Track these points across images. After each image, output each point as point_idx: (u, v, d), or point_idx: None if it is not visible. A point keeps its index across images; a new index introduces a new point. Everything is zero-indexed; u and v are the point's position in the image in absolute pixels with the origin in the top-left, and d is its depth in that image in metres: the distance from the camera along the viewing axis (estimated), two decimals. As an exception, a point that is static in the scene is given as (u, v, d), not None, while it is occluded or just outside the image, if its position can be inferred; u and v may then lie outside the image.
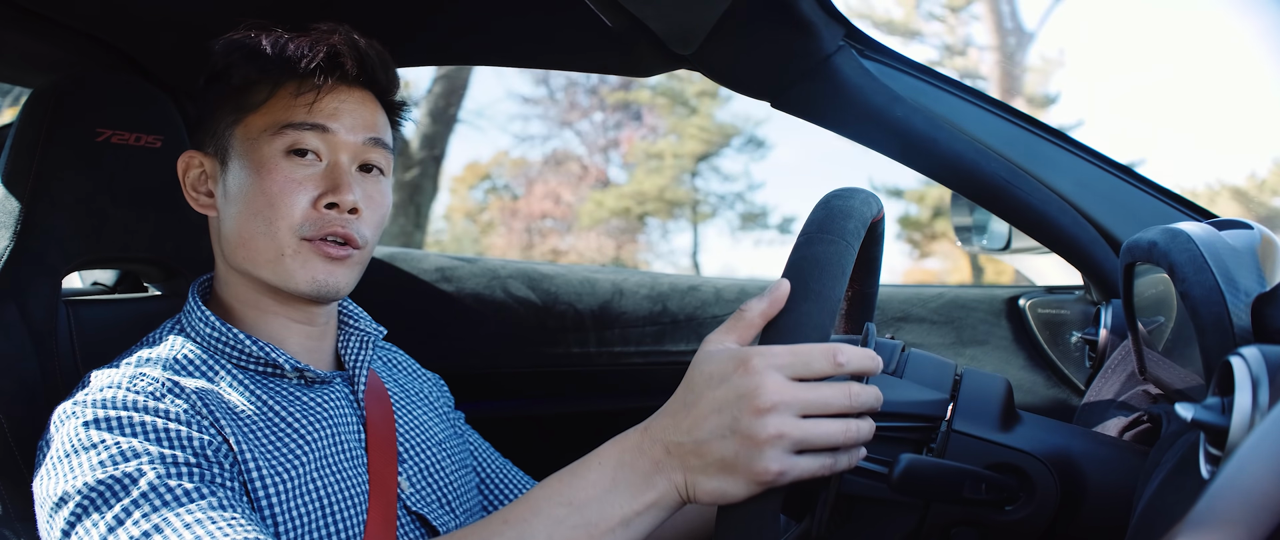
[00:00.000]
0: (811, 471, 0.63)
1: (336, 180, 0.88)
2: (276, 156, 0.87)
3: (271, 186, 0.86)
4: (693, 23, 1.13)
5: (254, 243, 0.87)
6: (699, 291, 1.58)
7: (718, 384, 0.63)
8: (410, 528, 0.91)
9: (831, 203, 0.72)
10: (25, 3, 1.16)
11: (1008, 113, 1.25)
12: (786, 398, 0.61)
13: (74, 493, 0.73)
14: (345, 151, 0.89)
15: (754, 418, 0.61)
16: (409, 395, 1.04)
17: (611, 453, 0.67)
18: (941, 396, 0.73)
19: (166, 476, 0.74)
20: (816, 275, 0.65)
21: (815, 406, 0.62)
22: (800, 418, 0.62)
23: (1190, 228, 0.73)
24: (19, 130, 0.98)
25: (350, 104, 0.90)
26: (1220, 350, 0.64)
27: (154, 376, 0.81)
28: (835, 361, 0.62)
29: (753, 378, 0.62)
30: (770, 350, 0.63)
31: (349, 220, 0.88)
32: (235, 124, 0.90)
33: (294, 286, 0.88)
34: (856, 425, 0.64)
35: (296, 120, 0.87)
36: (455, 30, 1.36)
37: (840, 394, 0.63)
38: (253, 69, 0.89)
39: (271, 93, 0.89)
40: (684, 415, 0.65)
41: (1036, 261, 1.57)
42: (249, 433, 0.83)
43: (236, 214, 0.88)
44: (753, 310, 0.67)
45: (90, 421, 0.77)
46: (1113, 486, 0.71)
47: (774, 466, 0.61)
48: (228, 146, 0.90)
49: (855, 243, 0.69)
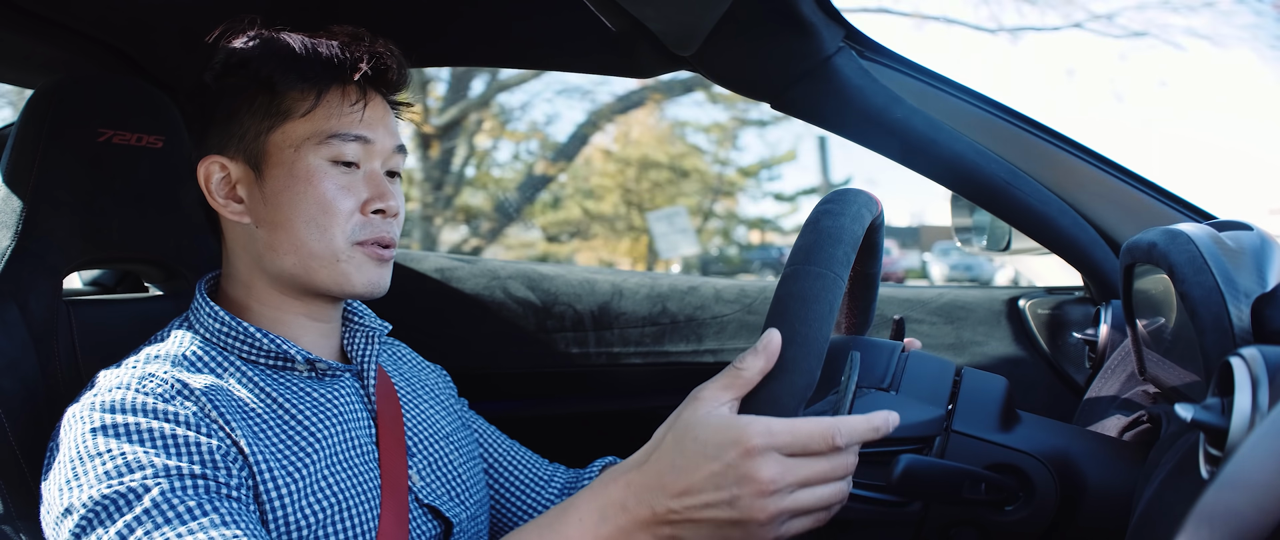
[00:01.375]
0: (806, 528, 0.65)
1: (380, 188, 0.90)
2: (323, 165, 0.88)
3: (324, 195, 0.87)
4: (693, 24, 1.13)
5: (308, 249, 0.88)
6: (699, 292, 1.58)
7: (714, 459, 0.63)
8: (423, 520, 0.92)
9: (820, 223, 0.70)
10: (25, 3, 1.16)
11: (1007, 114, 1.25)
12: (788, 479, 0.63)
13: (79, 505, 0.73)
14: (379, 159, 0.91)
15: (757, 499, 0.62)
16: (415, 388, 1.04)
17: (592, 506, 0.67)
18: (938, 413, 0.72)
19: (171, 491, 0.73)
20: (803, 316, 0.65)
21: (813, 480, 0.64)
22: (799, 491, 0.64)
23: (1190, 228, 0.73)
24: (19, 130, 0.98)
25: (381, 112, 0.92)
26: (1220, 351, 0.64)
27: (162, 377, 0.81)
28: (833, 445, 0.64)
29: (753, 462, 0.62)
30: (770, 429, 0.63)
31: (392, 224, 0.91)
32: (270, 130, 0.88)
33: (350, 289, 0.90)
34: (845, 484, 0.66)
35: (342, 130, 0.88)
36: (453, 31, 1.36)
37: (837, 467, 0.64)
38: (295, 76, 0.87)
39: (317, 102, 0.88)
40: (673, 479, 0.64)
41: (1036, 262, 1.57)
42: (259, 432, 0.83)
43: (285, 222, 0.88)
44: (750, 369, 0.67)
45: (97, 428, 0.77)
46: (1112, 487, 0.71)
47: (771, 535, 0.63)
48: (261, 152, 0.89)
49: (844, 271, 0.68)
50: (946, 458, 0.70)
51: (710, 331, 1.55)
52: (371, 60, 0.90)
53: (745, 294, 1.58)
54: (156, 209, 1.07)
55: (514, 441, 1.15)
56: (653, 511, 0.64)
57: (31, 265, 0.97)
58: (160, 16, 1.22)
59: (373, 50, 0.90)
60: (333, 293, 0.91)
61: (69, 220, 1.00)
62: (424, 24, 1.32)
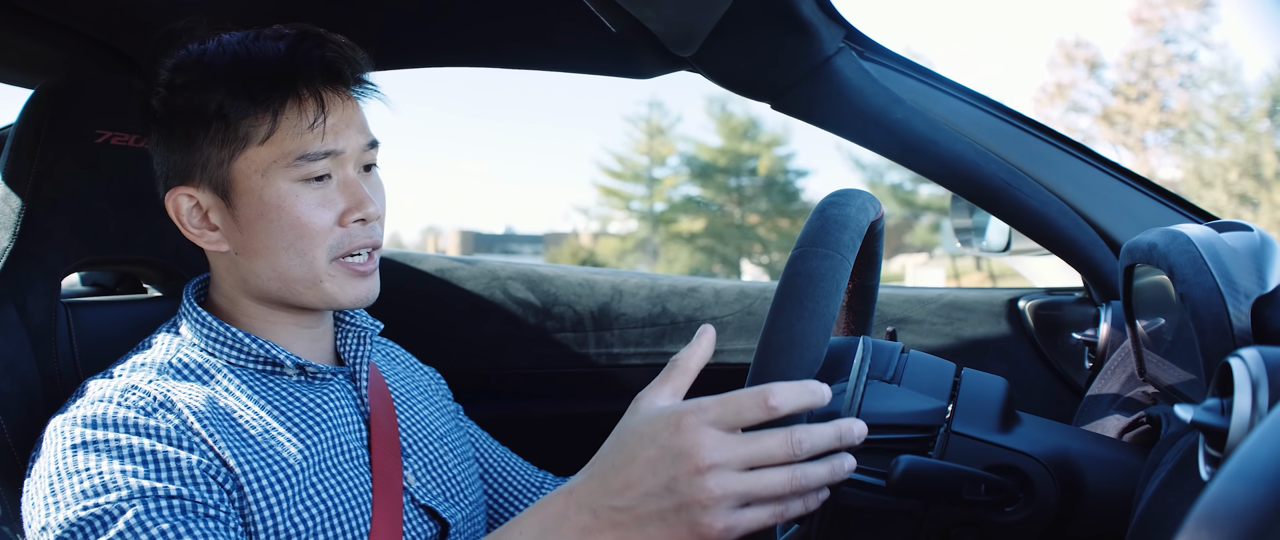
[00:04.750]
0: (760, 523, 0.60)
1: (357, 196, 0.86)
2: (293, 187, 0.84)
3: (299, 218, 0.84)
4: (693, 24, 1.13)
5: (290, 274, 0.86)
6: (698, 293, 1.58)
7: (648, 443, 0.61)
8: (418, 521, 0.91)
9: (827, 212, 0.71)
10: (25, 3, 1.16)
11: (1007, 114, 1.25)
12: (725, 455, 0.59)
13: (55, 525, 0.73)
14: (351, 163, 0.88)
15: (693, 477, 0.58)
16: (409, 389, 1.04)
17: (533, 521, 0.65)
18: (939, 404, 0.73)
19: (146, 513, 0.73)
20: (810, 292, 0.65)
21: (757, 459, 0.59)
22: (743, 472, 0.59)
23: (1190, 229, 0.73)
24: (18, 131, 0.98)
25: (347, 113, 0.87)
26: (1220, 352, 0.64)
27: (145, 389, 0.80)
28: (767, 405, 0.59)
29: (686, 436, 0.59)
30: (700, 404, 0.60)
31: (373, 227, 0.89)
32: (232, 158, 0.84)
33: (338, 304, 0.89)
34: (804, 472, 0.61)
35: (308, 150, 0.84)
36: (453, 31, 1.36)
37: (781, 443, 0.60)
38: (247, 102, 0.82)
39: (274, 125, 0.83)
40: (613, 477, 0.62)
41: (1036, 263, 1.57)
42: (245, 441, 0.82)
43: (263, 249, 0.85)
44: (688, 358, 0.65)
45: (77, 444, 0.77)
46: (1112, 488, 0.71)
47: (718, 523, 0.59)
48: (227, 181, 0.85)
49: (850, 255, 0.69)
50: (946, 458, 0.70)
51: None
52: (322, 64, 0.84)
53: (745, 295, 1.57)
54: (155, 210, 1.06)
55: (505, 448, 1.15)
56: (594, 515, 0.62)
57: (30, 267, 0.97)
58: (160, 17, 1.22)
59: (321, 50, 0.85)
60: (320, 309, 0.90)
61: (67, 221, 1.00)
62: (423, 23, 1.32)
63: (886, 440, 0.71)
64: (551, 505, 0.65)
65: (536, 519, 0.65)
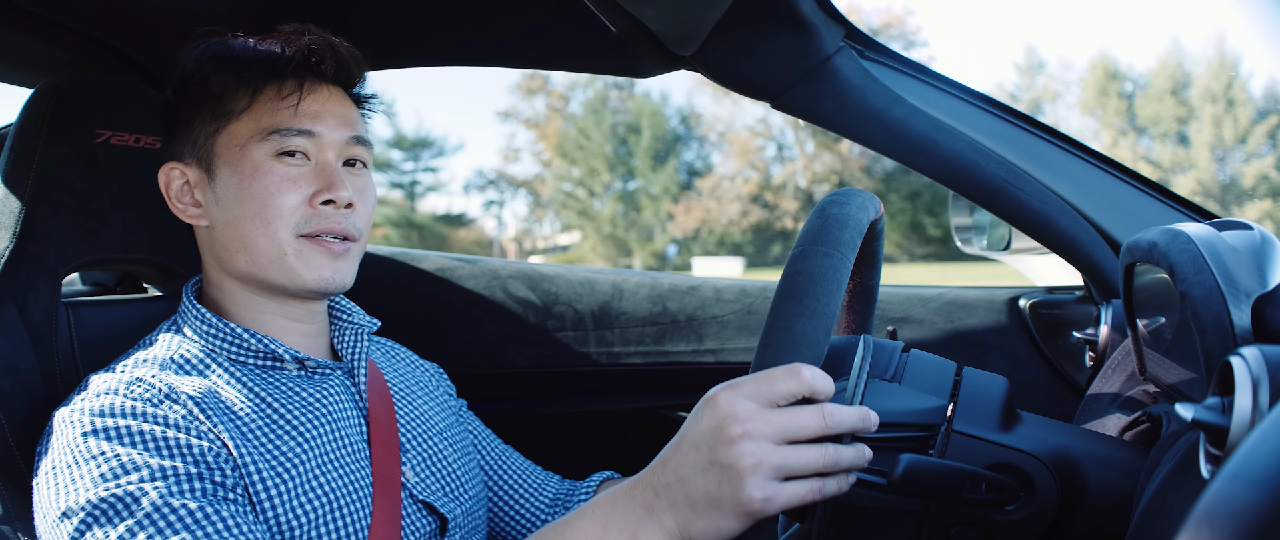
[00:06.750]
0: (799, 497, 0.62)
1: (329, 178, 0.90)
2: (266, 160, 0.88)
3: (266, 188, 0.88)
4: (693, 24, 1.13)
5: (255, 245, 0.88)
6: (699, 292, 1.58)
7: (694, 424, 0.64)
8: (417, 516, 0.92)
9: (827, 211, 0.72)
10: (25, 3, 1.16)
11: (1008, 114, 1.25)
12: (757, 424, 0.61)
13: (77, 508, 0.73)
14: (331, 150, 0.91)
15: (729, 446, 0.61)
16: (409, 385, 1.04)
17: (604, 502, 0.68)
18: (940, 403, 0.73)
19: (169, 494, 0.73)
20: (811, 290, 0.65)
21: (789, 431, 0.62)
22: (778, 445, 0.62)
23: (1190, 228, 0.73)
24: (18, 131, 0.98)
25: (330, 104, 0.92)
26: (1220, 350, 0.64)
27: (150, 381, 0.81)
28: (800, 379, 0.62)
29: (721, 409, 0.62)
30: (735, 382, 0.64)
31: (345, 215, 0.90)
32: (216, 132, 0.90)
33: (302, 284, 0.89)
34: (837, 449, 0.63)
35: (282, 125, 0.89)
36: (453, 30, 1.36)
37: (813, 416, 0.62)
38: (230, 76, 0.89)
39: (253, 99, 0.89)
40: (671, 457, 0.65)
41: (1036, 262, 1.57)
42: (248, 434, 0.83)
43: (233, 220, 0.89)
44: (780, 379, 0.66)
45: (89, 431, 0.77)
46: (1113, 486, 0.71)
47: (758, 494, 0.61)
48: (212, 155, 0.90)
49: (850, 253, 0.69)
50: (947, 457, 0.70)
51: (710, 331, 1.55)
52: (308, 52, 0.90)
53: (745, 294, 1.57)
54: (155, 210, 1.07)
55: (509, 447, 1.15)
56: (656, 494, 0.65)
57: (30, 266, 0.97)
58: (160, 16, 1.22)
59: (309, 43, 0.91)
60: (288, 289, 0.90)
61: (67, 221, 1.00)
62: (423, 23, 1.32)
63: (887, 439, 0.71)
64: (620, 488, 0.68)
65: (606, 501, 0.68)
